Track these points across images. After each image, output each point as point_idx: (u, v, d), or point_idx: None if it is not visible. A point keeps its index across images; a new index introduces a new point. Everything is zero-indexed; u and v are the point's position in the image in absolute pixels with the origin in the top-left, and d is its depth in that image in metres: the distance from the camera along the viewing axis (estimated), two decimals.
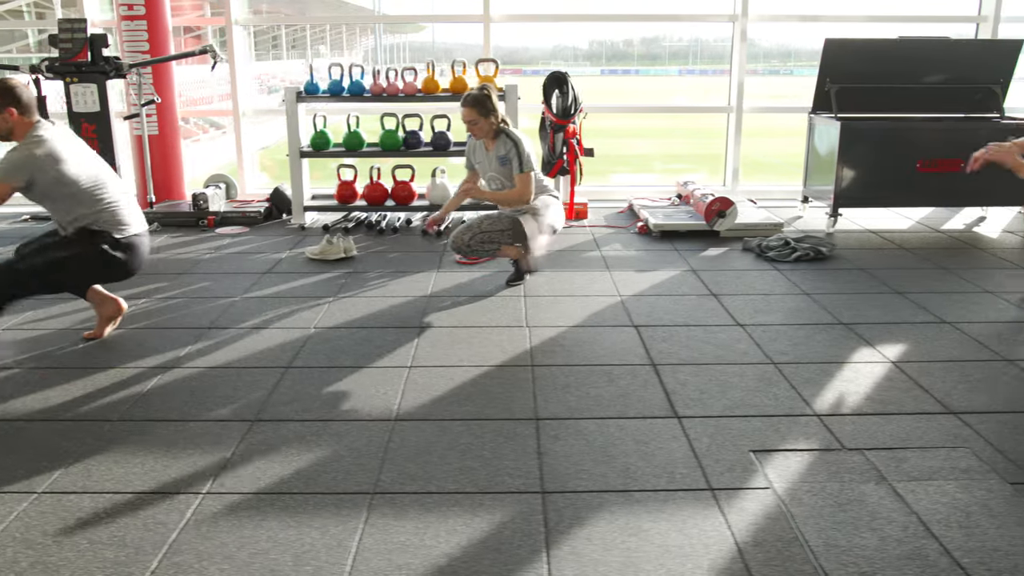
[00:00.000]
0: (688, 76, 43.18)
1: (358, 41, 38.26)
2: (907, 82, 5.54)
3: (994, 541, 2.08)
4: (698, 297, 4.03)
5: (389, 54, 49.43)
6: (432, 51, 54.29)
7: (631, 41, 46.47)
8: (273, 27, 28.43)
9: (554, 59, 45.23)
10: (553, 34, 65.22)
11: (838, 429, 2.68)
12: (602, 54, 46.99)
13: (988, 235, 5.39)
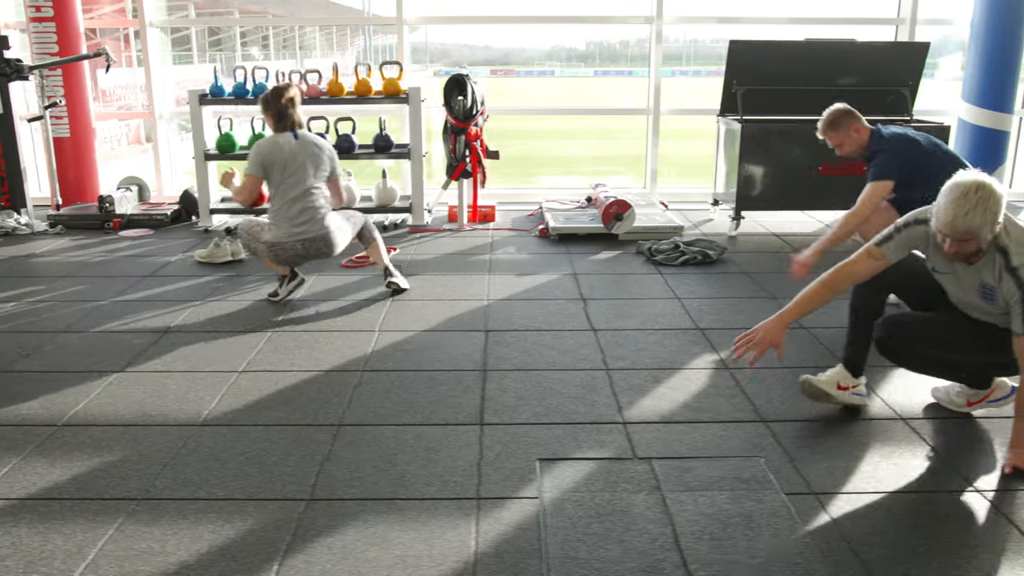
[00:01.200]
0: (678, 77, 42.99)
1: (350, 42, 38.32)
2: (816, 84, 5.48)
3: (738, 554, 2.04)
4: (565, 301, 4.00)
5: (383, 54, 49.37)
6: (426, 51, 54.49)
7: (627, 42, 46.46)
8: (261, 28, 28.50)
9: (549, 60, 45.30)
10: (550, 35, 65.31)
11: (639, 438, 2.65)
12: (596, 55, 47.04)
13: None
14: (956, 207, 2.25)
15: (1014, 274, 2.33)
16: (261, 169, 3.86)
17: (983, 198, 2.24)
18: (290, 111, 3.90)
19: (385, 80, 5.37)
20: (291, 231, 3.87)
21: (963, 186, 2.27)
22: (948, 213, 2.27)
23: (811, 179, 5.21)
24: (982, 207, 2.24)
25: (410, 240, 5.20)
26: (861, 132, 3.71)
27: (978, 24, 5.90)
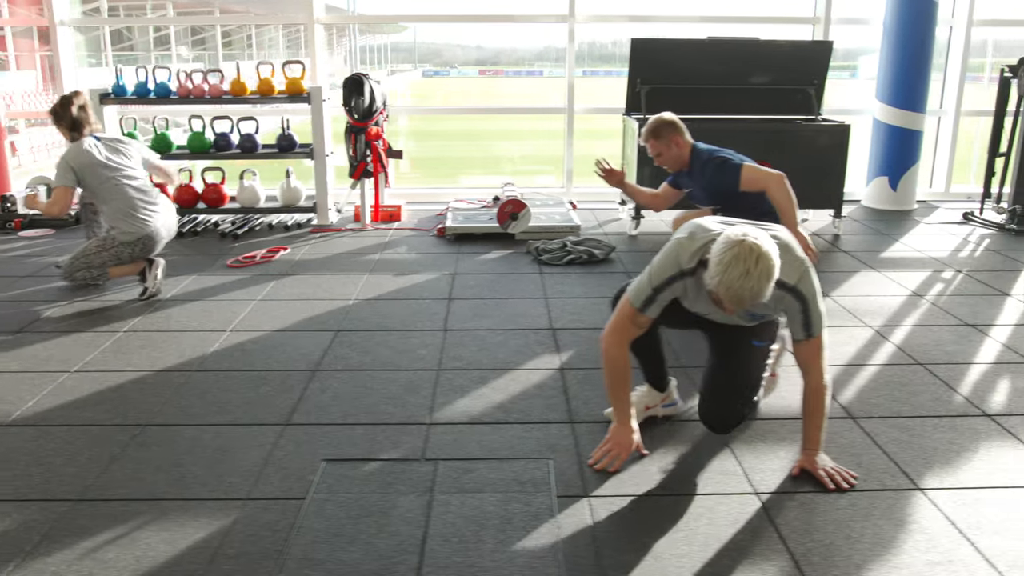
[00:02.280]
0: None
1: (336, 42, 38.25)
2: (721, 83, 5.47)
3: (479, 557, 2.02)
4: (431, 301, 3.98)
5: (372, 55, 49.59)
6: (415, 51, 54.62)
7: (619, 42, 46.35)
8: (245, 27, 28.50)
9: (540, 60, 45.29)
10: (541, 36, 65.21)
11: (437, 439, 2.63)
12: (587, 55, 46.91)
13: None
14: (742, 284, 2.09)
15: (792, 291, 2.29)
16: (73, 178, 3.95)
17: (764, 270, 2.10)
18: (83, 116, 4.01)
19: (288, 80, 5.36)
20: (132, 225, 3.97)
21: (743, 259, 2.09)
22: (734, 287, 2.10)
23: None
24: (766, 277, 2.11)
25: (308, 240, 5.19)
26: (682, 147, 3.65)
27: (890, 24, 5.87)
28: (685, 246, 2.34)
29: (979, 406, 2.86)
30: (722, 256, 2.12)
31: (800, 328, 2.33)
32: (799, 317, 2.32)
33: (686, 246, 2.34)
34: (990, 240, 5.26)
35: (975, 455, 2.53)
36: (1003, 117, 5.56)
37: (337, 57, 40.09)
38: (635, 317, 2.43)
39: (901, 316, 3.80)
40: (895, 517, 2.20)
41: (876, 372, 3.16)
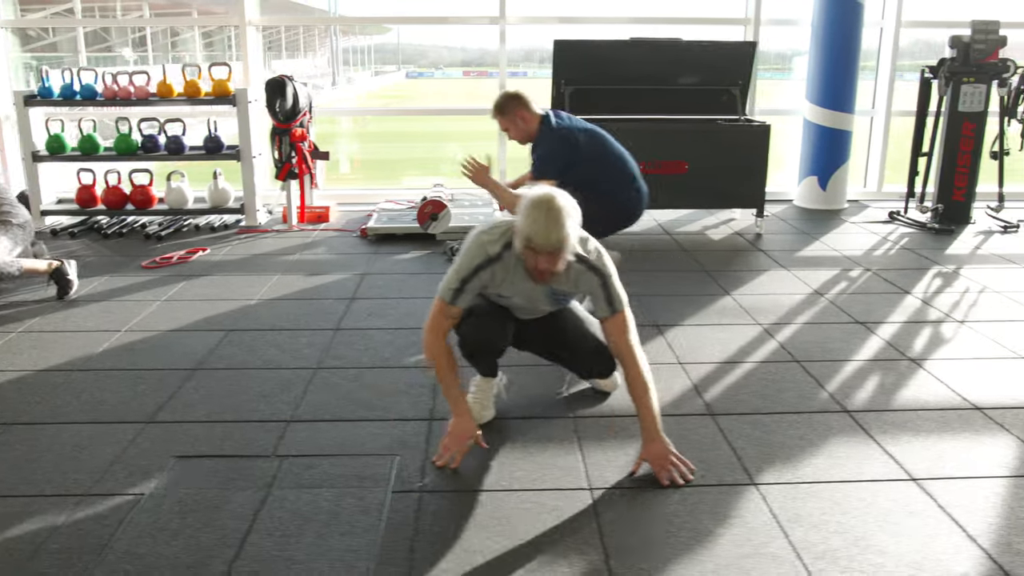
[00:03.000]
0: None
1: (319, 43, 38.29)
2: (646, 83, 5.51)
3: (296, 551, 2.04)
4: (333, 301, 4.00)
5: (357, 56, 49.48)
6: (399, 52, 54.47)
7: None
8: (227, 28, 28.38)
9: (526, 61, 45.27)
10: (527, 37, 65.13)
11: (292, 436, 2.64)
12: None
13: (716, 237, 5.37)
14: (544, 225, 2.24)
15: (591, 267, 2.42)
16: None
17: (565, 211, 2.26)
18: None
19: (214, 82, 5.38)
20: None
21: (544, 202, 2.26)
22: (541, 228, 2.24)
23: None
24: (565, 218, 2.25)
25: (232, 241, 5.21)
26: (528, 120, 3.68)
27: (817, 25, 5.93)
28: (486, 234, 2.46)
29: (841, 402, 2.90)
30: (525, 211, 2.29)
31: (604, 304, 2.44)
32: (601, 292, 2.44)
33: (487, 234, 2.46)
34: (909, 239, 5.31)
35: (819, 451, 2.56)
36: (925, 117, 5.61)
37: (320, 58, 40.26)
38: (446, 310, 2.49)
39: (794, 314, 3.84)
40: (720, 511, 2.23)
41: (750, 370, 3.20)
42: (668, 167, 5.20)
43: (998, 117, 5.59)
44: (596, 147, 3.73)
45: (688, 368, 3.20)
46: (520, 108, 3.67)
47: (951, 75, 5.48)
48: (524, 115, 3.68)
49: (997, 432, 2.69)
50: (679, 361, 3.27)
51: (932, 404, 2.89)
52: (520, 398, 2.94)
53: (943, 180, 5.67)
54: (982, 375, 3.14)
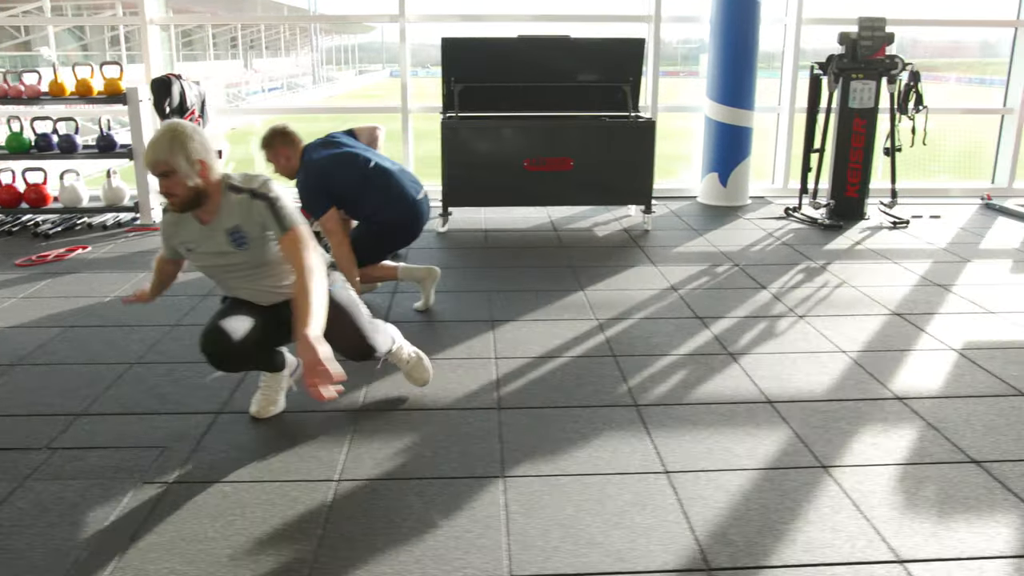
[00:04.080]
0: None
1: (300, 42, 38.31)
2: (536, 80, 5.53)
3: (10, 542, 2.09)
4: (186, 298, 4.02)
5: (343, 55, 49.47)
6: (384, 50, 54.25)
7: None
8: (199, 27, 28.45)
9: None
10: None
11: (78, 429, 2.67)
12: None
13: (602, 233, 5.40)
14: (150, 144, 2.39)
15: (253, 194, 2.47)
16: None
17: (175, 134, 2.37)
18: None
19: (106, 80, 5.41)
20: None
21: (162, 127, 2.43)
22: (148, 149, 2.40)
23: (516, 175, 5.27)
24: (171, 140, 2.36)
25: (119, 239, 5.23)
26: (291, 159, 3.69)
27: (716, 22, 5.94)
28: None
29: (636, 397, 2.92)
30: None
31: (276, 225, 2.48)
32: (271, 215, 2.48)
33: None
34: (795, 235, 5.33)
35: (587, 444, 2.58)
36: (816, 114, 5.63)
37: (304, 57, 40.30)
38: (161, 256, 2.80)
39: (636, 310, 3.87)
40: (453, 503, 2.25)
41: (562, 364, 3.22)
42: (553, 164, 5.22)
43: (889, 114, 5.61)
44: (353, 171, 3.68)
45: (500, 363, 3.23)
46: (284, 146, 3.67)
47: (840, 71, 5.50)
48: (288, 153, 3.68)
49: (777, 425, 2.72)
50: (495, 356, 3.30)
51: (726, 398, 2.92)
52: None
53: (836, 176, 5.70)
54: (792, 369, 3.17)
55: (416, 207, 3.78)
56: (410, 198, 3.75)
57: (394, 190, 3.68)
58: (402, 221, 3.76)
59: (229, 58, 31.71)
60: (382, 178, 3.69)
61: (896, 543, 2.07)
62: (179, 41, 26.09)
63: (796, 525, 2.15)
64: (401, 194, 3.71)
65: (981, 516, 2.19)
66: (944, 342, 3.46)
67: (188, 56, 27.32)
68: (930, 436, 2.64)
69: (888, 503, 2.25)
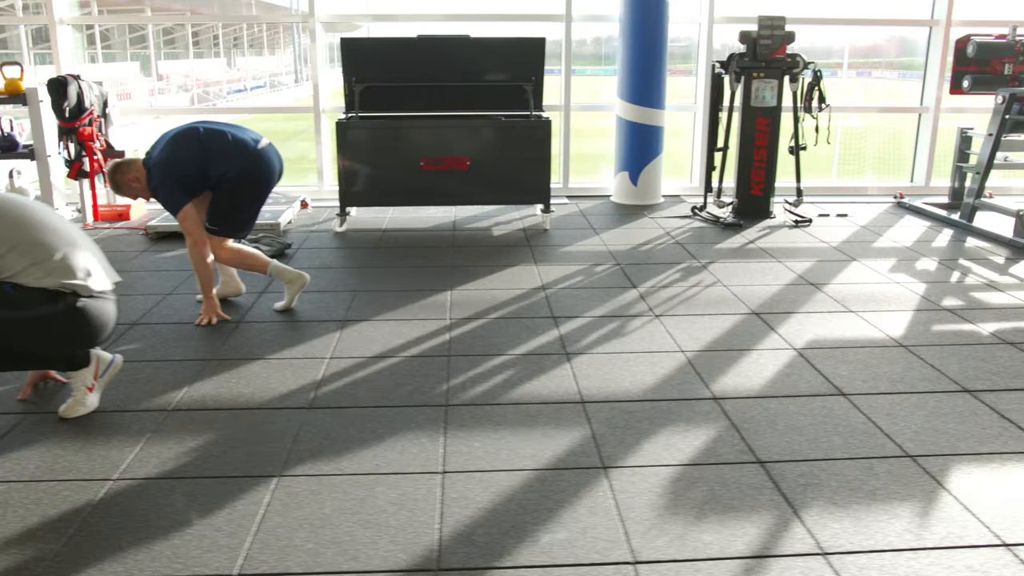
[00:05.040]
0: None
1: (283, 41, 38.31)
2: (438, 80, 5.52)
3: None
4: None
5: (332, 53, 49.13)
6: None
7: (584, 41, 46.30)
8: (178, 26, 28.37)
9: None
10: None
11: None
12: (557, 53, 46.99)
13: (499, 232, 5.39)
14: None
15: None
16: None
17: None
18: None
19: (6, 80, 5.42)
20: None
21: None
22: None
23: (413, 175, 5.27)
24: None
25: None
26: (139, 179, 3.67)
27: (625, 22, 5.94)
28: None
29: (445, 398, 2.94)
30: None
31: None
32: None
33: None
34: (693, 234, 5.34)
35: (345, 443, 2.59)
36: (718, 112, 5.63)
37: (287, 56, 40.32)
38: None
39: (495, 310, 3.86)
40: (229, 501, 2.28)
41: (393, 364, 3.22)
42: (449, 164, 5.23)
43: (792, 112, 5.61)
44: (187, 145, 3.67)
45: (332, 363, 3.22)
46: (126, 174, 3.67)
47: (741, 70, 5.50)
48: (131, 177, 3.67)
49: (578, 426, 2.71)
50: (330, 356, 3.30)
51: (541, 398, 2.91)
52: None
53: (740, 175, 5.70)
54: (621, 370, 3.17)
55: (258, 155, 3.75)
56: (250, 148, 3.73)
57: (233, 147, 3.66)
58: (249, 172, 3.71)
59: (212, 56, 31.53)
60: (217, 139, 3.67)
61: (638, 544, 2.08)
62: (162, 39, 26.06)
63: (547, 526, 2.16)
64: (241, 148, 3.69)
65: (737, 517, 2.20)
66: (789, 342, 3.47)
67: (170, 55, 27.33)
68: (728, 436, 2.64)
69: (650, 504, 2.26)
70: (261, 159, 3.76)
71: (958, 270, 4.57)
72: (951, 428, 2.72)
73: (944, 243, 5.19)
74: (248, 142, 3.74)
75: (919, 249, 5.01)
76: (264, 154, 3.78)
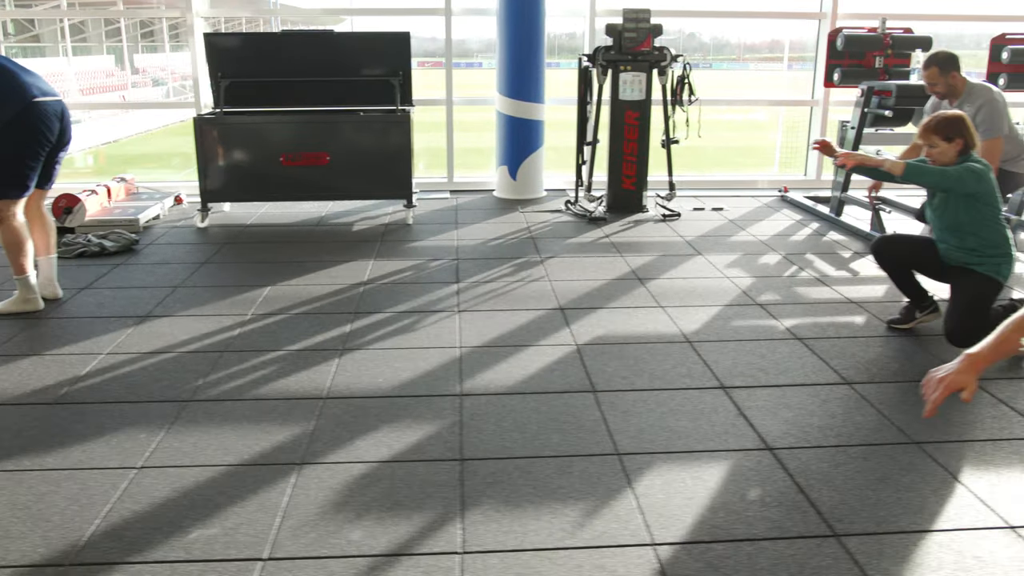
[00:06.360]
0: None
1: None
2: (305, 75, 5.52)
3: None
4: None
5: None
6: None
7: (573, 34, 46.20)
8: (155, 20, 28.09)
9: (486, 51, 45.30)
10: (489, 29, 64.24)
11: None
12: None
13: (359, 228, 5.39)
14: None
15: None
16: None
17: None
18: None
19: None
20: None
21: None
22: None
23: (273, 170, 5.27)
24: None
25: None
26: None
27: (500, 16, 5.92)
28: None
29: (191, 395, 2.95)
30: None
31: None
32: None
33: None
34: (554, 228, 5.33)
35: (51, 441, 2.61)
36: (586, 106, 5.61)
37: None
38: None
39: (301, 305, 3.86)
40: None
41: (159, 361, 3.22)
42: (309, 159, 5.23)
43: (662, 106, 5.58)
44: None
45: (105, 359, 3.23)
46: None
47: (608, 63, 5.47)
48: None
49: (304, 422, 2.71)
50: (105, 352, 3.31)
51: (284, 394, 2.92)
52: None
53: (611, 169, 5.68)
54: (380, 366, 3.17)
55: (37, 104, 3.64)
56: (30, 92, 3.62)
57: (16, 87, 3.56)
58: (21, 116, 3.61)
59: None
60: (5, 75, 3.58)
61: (282, 541, 2.08)
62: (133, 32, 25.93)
63: (207, 522, 2.16)
64: (21, 92, 3.59)
65: (398, 515, 2.20)
66: (575, 338, 3.46)
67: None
68: (446, 434, 2.64)
69: (320, 502, 2.26)
70: (38, 107, 3.65)
71: (799, 264, 4.56)
72: (681, 426, 2.72)
73: (803, 237, 5.18)
74: (31, 87, 3.64)
75: (774, 243, 5.00)
76: (43, 104, 3.67)
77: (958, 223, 3.35)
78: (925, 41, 5.55)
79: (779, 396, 2.94)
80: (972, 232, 3.32)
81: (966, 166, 3.26)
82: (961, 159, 3.31)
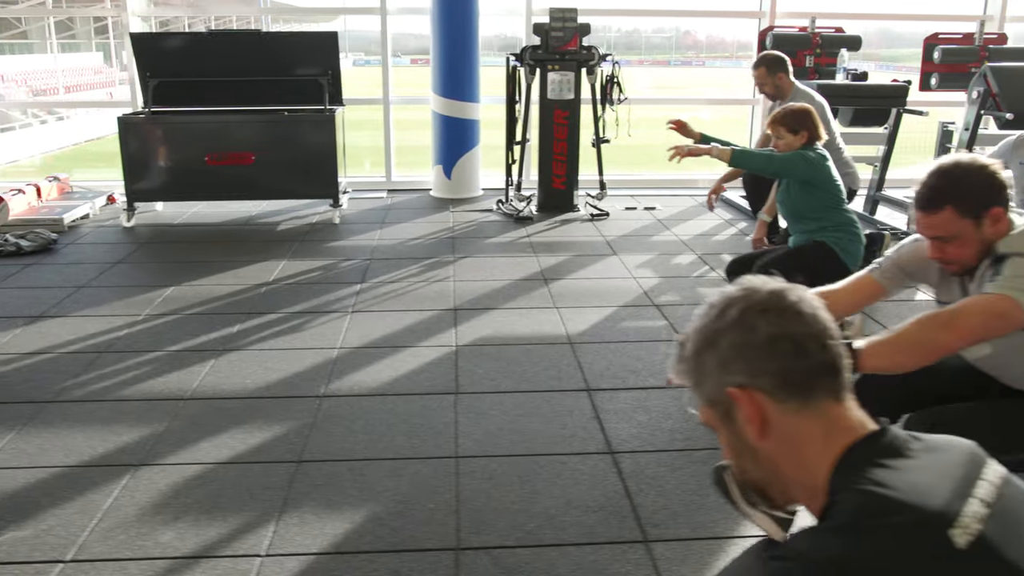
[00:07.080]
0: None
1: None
2: (232, 75, 5.51)
3: None
4: None
5: None
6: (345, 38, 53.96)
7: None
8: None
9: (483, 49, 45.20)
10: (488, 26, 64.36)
11: None
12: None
13: (285, 227, 5.41)
14: None
15: None
16: None
17: None
18: None
19: None
20: None
21: None
22: None
23: (199, 170, 5.28)
24: None
25: None
26: None
27: (434, 15, 5.92)
28: None
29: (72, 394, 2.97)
30: None
31: None
32: None
33: None
34: (479, 228, 5.34)
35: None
36: (515, 105, 5.60)
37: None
38: None
39: (203, 304, 3.88)
40: None
41: (41, 361, 3.25)
42: (233, 158, 5.24)
43: (592, 105, 5.58)
44: None
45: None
46: None
47: (535, 62, 5.47)
48: None
49: (157, 423, 2.73)
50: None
51: (154, 395, 2.94)
52: None
53: (542, 168, 5.68)
54: (253, 366, 3.18)
55: None
56: None
57: None
58: None
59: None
60: None
61: (90, 543, 2.10)
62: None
63: (24, 524, 2.18)
64: None
65: (217, 518, 2.22)
66: (457, 339, 3.46)
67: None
68: (293, 436, 2.65)
69: (144, 504, 2.27)
70: None
71: (711, 264, 4.56)
72: (532, 428, 2.73)
73: (726, 237, 5.18)
74: None
75: (694, 243, 5.00)
76: None
77: (797, 210, 3.42)
78: (854, 40, 5.54)
79: (641, 399, 2.95)
80: (814, 218, 3.37)
81: (797, 152, 3.31)
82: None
